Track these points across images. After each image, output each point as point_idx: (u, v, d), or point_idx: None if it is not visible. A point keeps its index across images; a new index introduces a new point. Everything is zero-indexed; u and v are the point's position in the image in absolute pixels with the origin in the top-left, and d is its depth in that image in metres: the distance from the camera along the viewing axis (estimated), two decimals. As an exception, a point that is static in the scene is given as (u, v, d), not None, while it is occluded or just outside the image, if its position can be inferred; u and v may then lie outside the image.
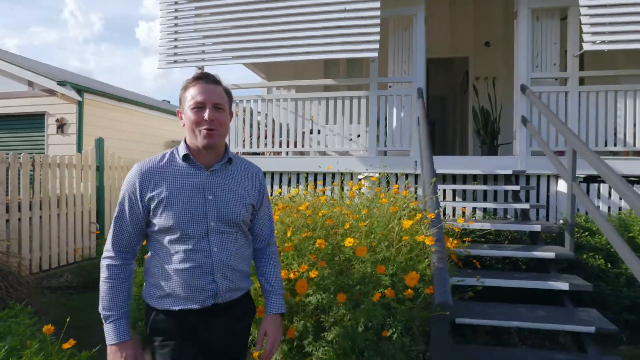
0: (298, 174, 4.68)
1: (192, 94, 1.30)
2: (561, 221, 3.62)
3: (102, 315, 1.30)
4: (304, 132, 4.71)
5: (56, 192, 5.35)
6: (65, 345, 1.84)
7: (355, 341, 1.81)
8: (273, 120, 4.86)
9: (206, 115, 1.27)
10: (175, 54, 4.53)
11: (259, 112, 4.96)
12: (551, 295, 3.02)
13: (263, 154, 5.10)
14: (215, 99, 1.30)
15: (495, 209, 4.14)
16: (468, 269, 3.15)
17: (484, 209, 4.18)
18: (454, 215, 4.28)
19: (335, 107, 4.56)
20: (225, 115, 1.33)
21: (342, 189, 4.19)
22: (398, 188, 4.16)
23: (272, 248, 1.55)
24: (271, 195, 4.30)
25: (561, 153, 4.10)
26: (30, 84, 7.75)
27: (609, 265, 3.15)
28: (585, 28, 3.59)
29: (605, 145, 4.09)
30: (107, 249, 1.33)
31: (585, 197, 2.86)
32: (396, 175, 4.36)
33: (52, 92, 7.60)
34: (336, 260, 2.01)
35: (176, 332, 1.30)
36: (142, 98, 9.35)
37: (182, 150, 1.33)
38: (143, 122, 8.11)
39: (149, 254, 1.38)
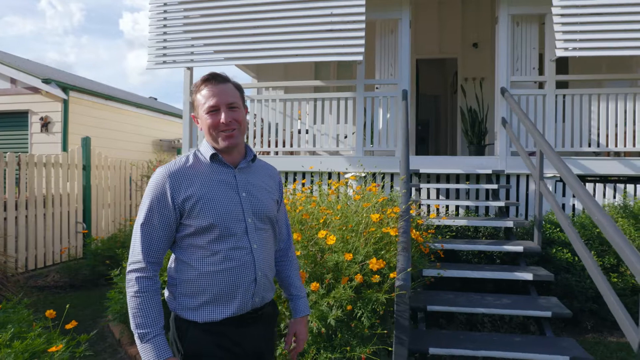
0: (287, 173, 5.06)
1: (204, 98, 1.35)
2: (530, 218, 4.05)
3: (136, 335, 1.25)
4: (292, 132, 5.09)
5: (42, 191, 5.67)
6: (68, 326, 2.20)
7: (327, 321, 2.19)
8: (262, 120, 5.23)
9: (222, 118, 1.33)
10: (165, 55, 4.88)
11: (247, 112, 5.33)
12: (522, 286, 3.44)
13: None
14: (227, 99, 1.34)
15: (477, 207, 4.57)
16: (446, 262, 3.56)
17: (467, 207, 4.60)
18: (438, 213, 4.69)
19: (323, 108, 4.95)
20: (240, 113, 1.37)
21: (329, 186, 4.58)
22: (383, 187, 4.56)
23: (292, 250, 1.63)
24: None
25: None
26: (13, 81, 8.01)
27: (576, 259, 3.57)
28: (557, 35, 4.02)
29: (580, 146, 4.53)
30: (136, 260, 1.28)
31: (550, 196, 3.28)
32: (383, 174, 4.76)
33: (36, 90, 7.88)
34: (310, 252, 2.40)
35: (217, 350, 1.30)
36: (129, 96, 9.65)
37: (207, 150, 1.38)
38: (130, 121, 8.42)
39: (174, 261, 1.37)
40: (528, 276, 3.13)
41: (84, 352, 2.22)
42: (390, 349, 2.32)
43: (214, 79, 1.36)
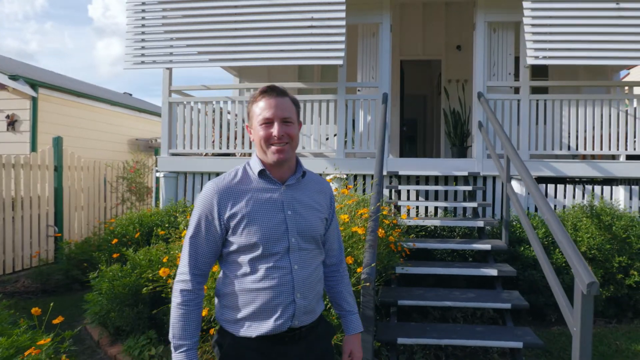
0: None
1: (260, 109, 1.44)
2: (497, 218, 4.59)
3: (172, 344, 1.40)
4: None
5: (11, 193, 5.91)
6: (55, 321, 2.56)
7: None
8: (243, 120, 5.65)
9: (275, 131, 1.41)
10: (143, 55, 5.24)
11: (228, 112, 5.75)
12: (491, 282, 3.95)
13: (234, 154, 5.89)
14: (283, 114, 1.43)
15: (455, 208, 5.09)
16: (420, 261, 4.06)
17: (445, 208, 5.11)
18: (417, 213, 5.19)
19: (305, 110, 5.40)
20: (293, 128, 1.45)
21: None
22: (364, 189, 5.04)
23: (343, 265, 1.71)
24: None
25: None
26: (-23, 76, 8.20)
27: (557, 259, 4.10)
28: (528, 44, 4.57)
29: (553, 149, 5.09)
30: (182, 272, 1.43)
31: (514, 196, 3.80)
32: (363, 176, 5.24)
33: (2, 87, 8.08)
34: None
35: None
36: (103, 92, 9.91)
37: (256, 165, 1.47)
38: (104, 119, 8.71)
39: (221, 273, 1.50)
40: (493, 272, 3.65)
41: (69, 347, 2.57)
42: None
43: (272, 92, 1.45)
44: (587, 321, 2.31)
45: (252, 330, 1.41)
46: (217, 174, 5.47)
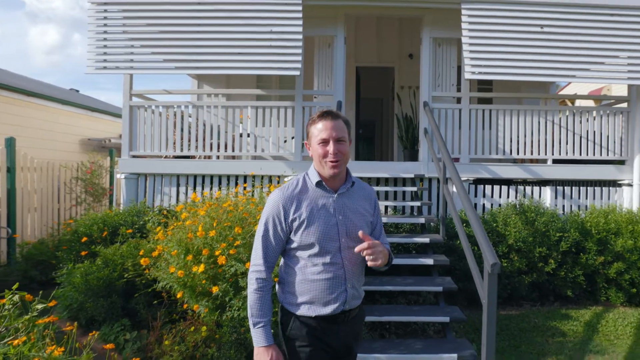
0: (228, 176, 6.08)
1: (318, 131, 1.83)
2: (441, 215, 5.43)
3: (251, 322, 1.84)
4: (234, 136, 6.11)
5: (-40, 195, 6.13)
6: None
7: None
8: (204, 124, 6.20)
9: (330, 149, 1.80)
10: (105, 60, 5.66)
11: (190, 115, 6.28)
12: (430, 271, 4.74)
13: (194, 157, 6.42)
14: (337, 134, 1.82)
15: (403, 207, 5.89)
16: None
17: (394, 207, 5.90)
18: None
19: (264, 116, 6.04)
20: (345, 146, 1.85)
21: (268, 190, 5.67)
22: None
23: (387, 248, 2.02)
24: (200, 196, 5.62)
25: (456, 159, 5.97)
26: None
27: (475, 248, 4.95)
28: (466, 60, 5.44)
29: (490, 153, 6.01)
30: (257, 264, 1.85)
31: (449, 196, 4.63)
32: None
33: (-55, 84, 8.14)
34: (249, 242, 3.48)
35: (311, 338, 1.85)
36: (54, 91, 10.04)
37: (314, 177, 1.88)
38: (55, 119, 8.91)
39: (284, 264, 1.94)
40: (430, 261, 4.45)
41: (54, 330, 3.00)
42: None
43: (328, 115, 1.85)
44: (492, 293, 3.09)
45: (312, 311, 1.84)
46: (178, 176, 6.04)
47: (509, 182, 6.14)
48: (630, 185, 5.98)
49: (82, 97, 12.53)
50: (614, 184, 6.15)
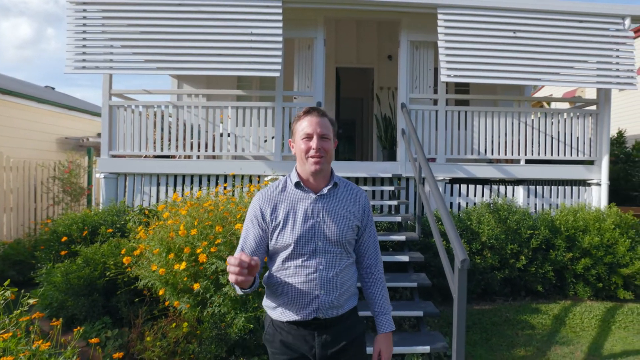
0: (209, 176, 6.19)
1: (303, 127, 1.80)
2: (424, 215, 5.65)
3: (237, 289, 1.73)
4: (214, 136, 6.23)
5: None
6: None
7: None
8: (184, 124, 6.29)
9: (313, 144, 1.77)
10: (84, 60, 5.70)
11: (170, 115, 6.36)
12: (406, 268, 4.95)
13: (174, 157, 6.51)
14: (322, 131, 1.79)
15: (381, 206, 6.10)
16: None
17: (373, 206, 6.10)
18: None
19: (244, 116, 6.17)
20: (329, 144, 1.81)
21: (248, 189, 5.81)
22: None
23: (378, 268, 1.99)
24: (181, 196, 5.72)
25: (432, 160, 6.21)
26: None
27: (449, 246, 5.19)
28: (442, 64, 5.67)
29: (465, 154, 6.27)
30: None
31: (424, 195, 4.84)
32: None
33: None
34: (229, 240, 3.63)
35: (283, 346, 1.81)
36: (30, 89, 9.94)
37: (294, 178, 1.85)
38: (32, 118, 8.85)
39: (268, 267, 1.91)
40: (405, 258, 4.66)
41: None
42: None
43: (315, 112, 1.83)
44: (462, 288, 3.30)
45: (285, 316, 1.81)
46: (158, 175, 6.14)
47: (484, 181, 6.41)
48: (598, 184, 6.31)
49: (59, 95, 12.41)
50: (584, 183, 6.47)
